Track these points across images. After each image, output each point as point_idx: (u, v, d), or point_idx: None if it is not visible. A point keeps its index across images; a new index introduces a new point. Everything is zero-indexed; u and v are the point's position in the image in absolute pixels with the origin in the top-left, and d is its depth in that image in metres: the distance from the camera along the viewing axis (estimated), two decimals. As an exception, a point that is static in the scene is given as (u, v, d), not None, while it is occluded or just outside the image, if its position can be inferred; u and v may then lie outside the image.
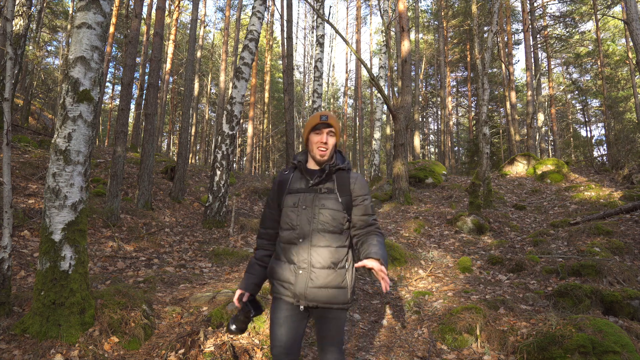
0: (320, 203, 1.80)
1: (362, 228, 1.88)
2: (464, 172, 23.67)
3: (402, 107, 9.31)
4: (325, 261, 1.76)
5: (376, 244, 1.78)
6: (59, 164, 2.76)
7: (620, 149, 13.71)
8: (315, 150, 1.85)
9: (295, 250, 1.79)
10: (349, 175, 1.89)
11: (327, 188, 1.84)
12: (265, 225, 1.96)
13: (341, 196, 1.84)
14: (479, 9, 19.59)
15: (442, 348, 3.27)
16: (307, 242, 1.77)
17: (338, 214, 1.81)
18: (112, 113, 29.73)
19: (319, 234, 1.78)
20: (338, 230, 1.81)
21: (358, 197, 1.87)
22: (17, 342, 2.54)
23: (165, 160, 12.97)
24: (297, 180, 1.89)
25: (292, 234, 1.80)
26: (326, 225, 1.78)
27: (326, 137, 1.84)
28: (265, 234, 1.96)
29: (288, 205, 1.84)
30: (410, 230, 7.08)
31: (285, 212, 1.85)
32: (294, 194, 1.85)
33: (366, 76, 30.56)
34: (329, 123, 1.85)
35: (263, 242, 1.96)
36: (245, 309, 1.87)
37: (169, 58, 20.22)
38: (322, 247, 1.77)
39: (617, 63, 22.72)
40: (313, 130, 1.87)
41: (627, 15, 7.35)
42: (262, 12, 7.60)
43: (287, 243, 1.82)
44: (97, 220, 6.06)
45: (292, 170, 1.94)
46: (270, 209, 1.94)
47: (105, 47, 3.11)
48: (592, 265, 4.38)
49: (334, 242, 1.80)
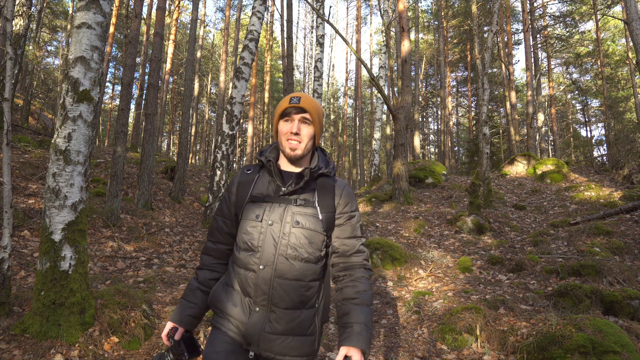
0: (293, 219, 1.35)
1: (347, 256, 1.44)
2: (464, 172, 23.68)
3: (402, 107, 9.31)
4: (292, 300, 1.32)
5: (361, 311, 1.36)
6: (59, 164, 2.76)
7: (620, 149, 13.72)
8: (284, 144, 1.41)
9: (252, 279, 1.33)
10: (334, 183, 1.45)
11: (305, 199, 1.39)
12: (214, 238, 1.49)
13: (322, 212, 1.39)
14: (479, 9, 19.59)
15: (442, 348, 3.27)
16: (270, 271, 1.31)
17: (316, 236, 1.37)
18: (112, 113, 29.73)
19: (288, 262, 1.32)
20: (314, 258, 1.36)
21: (344, 213, 1.43)
22: (17, 342, 2.54)
23: (165, 160, 12.97)
24: (264, 184, 1.43)
25: (250, 258, 1.34)
26: (299, 251, 1.33)
27: (298, 126, 1.38)
28: (214, 250, 1.49)
29: (248, 217, 1.38)
30: (410, 230, 7.08)
31: (243, 225, 1.39)
32: (258, 203, 1.39)
33: (366, 76, 30.56)
34: (301, 107, 1.39)
35: (210, 261, 1.49)
36: (177, 349, 1.42)
37: (169, 58, 20.22)
38: (290, 280, 1.32)
39: (617, 63, 22.71)
40: (282, 117, 1.42)
41: (627, 15, 7.35)
42: (262, 12, 7.60)
43: (243, 268, 1.36)
44: (97, 220, 6.06)
45: (257, 170, 1.48)
46: (224, 218, 1.47)
47: (105, 47, 3.11)
48: (592, 265, 4.38)
49: (306, 274, 1.34)
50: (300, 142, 1.40)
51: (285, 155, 1.43)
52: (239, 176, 1.49)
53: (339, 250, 1.43)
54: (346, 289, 1.41)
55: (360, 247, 1.45)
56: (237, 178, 1.49)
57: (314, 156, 1.50)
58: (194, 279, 1.51)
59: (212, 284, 1.49)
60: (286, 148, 1.40)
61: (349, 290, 1.40)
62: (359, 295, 1.39)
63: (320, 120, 1.45)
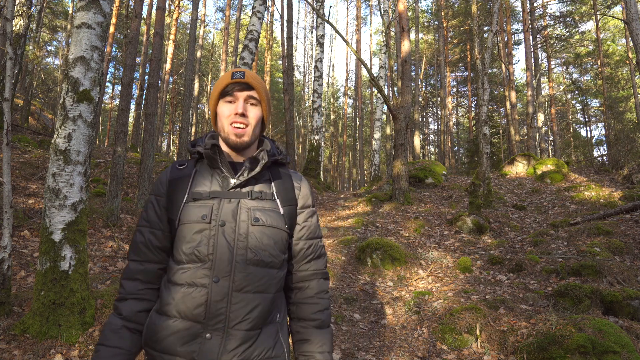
0: (250, 216, 1.10)
1: (307, 262, 1.22)
2: (464, 172, 23.68)
3: (402, 107, 9.31)
4: (255, 317, 1.06)
5: (323, 337, 1.18)
6: (59, 164, 2.76)
7: (620, 149, 13.72)
8: (227, 128, 1.14)
9: (202, 297, 1.04)
10: (291, 174, 1.25)
11: (261, 191, 1.15)
12: (140, 255, 1.14)
13: (283, 205, 1.17)
14: (479, 9, 19.59)
15: (442, 348, 3.27)
16: (227, 283, 1.04)
17: (279, 234, 1.13)
18: (112, 113, 29.74)
19: (249, 269, 1.06)
20: (278, 262, 1.13)
21: (306, 208, 1.22)
22: (17, 342, 2.54)
23: (165, 160, 12.97)
24: (205, 178, 1.15)
25: (198, 270, 1.05)
26: (261, 254, 1.08)
27: (244, 106, 1.14)
28: (140, 272, 1.13)
29: (191, 219, 1.09)
30: (410, 230, 7.08)
31: (185, 232, 1.09)
32: (202, 201, 1.11)
33: (366, 76, 30.57)
34: (247, 82, 1.15)
35: (136, 287, 1.13)
36: None
37: (169, 58, 20.23)
38: (252, 293, 1.06)
39: (617, 63, 22.73)
40: (222, 96, 1.17)
41: (627, 15, 7.35)
42: (262, 12, 7.60)
43: (186, 285, 1.06)
44: (97, 220, 6.06)
45: (193, 164, 1.20)
46: (152, 228, 1.15)
47: (105, 47, 3.11)
48: (592, 265, 4.38)
49: (271, 284, 1.10)
50: (247, 126, 1.15)
51: (229, 144, 1.16)
52: (168, 173, 1.18)
53: (300, 254, 1.21)
54: (304, 307, 1.20)
55: (321, 250, 1.25)
56: (166, 176, 1.18)
57: (262, 143, 1.24)
58: (115, 315, 1.11)
59: (143, 318, 1.12)
60: (230, 134, 1.14)
61: (307, 308, 1.20)
62: (321, 315, 1.19)
63: (269, 100, 1.22)
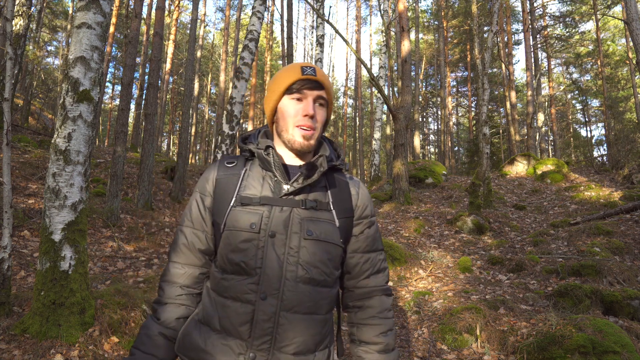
0: (303, 228, 0.99)
1: (365, 277, 1.11)
2: (464, 172, 23.68)
3: (402, 107, 9.31)
4: (303, 340, 0.97)
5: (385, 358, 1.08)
6: (59, 164, 2.76)
7: (620, 149, 13.73)
8: (291, 130, 1.03)
9: (247, 315, 0.95)
10: (348, 180, 1.12)
11: (316, 200, 1.03)
12: (181, 258, 1.07)
13: (339, 217, 1.05)
14: (479, 9, 19.59)
15: (442, 348, 3.27)
16: (275, 302, 0.95)
17: (334, 249, 1.02)
18: (112, 113, 29.74)
19: (299, 288, 0.96)
20: (331, 281, 1.02)
21: (363, 219, 1.10)
22: (17, 342, 2.54)
23: (165, 160, 12.97)
24: (256, 180, 1.04)
25: (244, 284, 0.96)
26: (313, 272, 0.98)
27: (313, 107, 1.02)
28: (181, 276, 1.06)
29: (238, 226, 0.98)
30: (410, 230, 7.08)
31: (231, 239, 0.99)
32: (251, 207, 1.00)
33: (366, 76, 30.57)
34: (319, 81, 1.03)
35: (175, 292, 1.05)
36: None
37: (169, 58, 20.23)
38: (302, 314, 0.97)
39: (617, 63, 22.74)
40: (289, 92, 1.04)
41: (627, 15, 7.35)
42: (262, 12, 7.60)
43: (231, 299, 0.98)
44: (97, 220, 6.06)
45: (242, 163, 1.08)
46: (195, 229, 1.06)
47: (105, 47, 3.11)
48: (592, 265, 4.38)
49: (322, 304, 1.00)
50: (314, 129, 1.03)
51: (293, 147, 1.04)
52: (215, 170, 1.07)
53: (356, 269, 1.09)
54: (366, 329, 1.09)
55: (381, 265, 1.12)
56: (213, 172, 1.07)
57: (321, 146, 1.12)
58: (153, 319, 1.04)
59: (180, 326, 1.04)
60: (295, 136, 1.02)
61: (369, 330, 1.08)
62: (385, 338, 1.08)
63: (333, 101, 1.10)
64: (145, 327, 1.03)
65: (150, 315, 1.06)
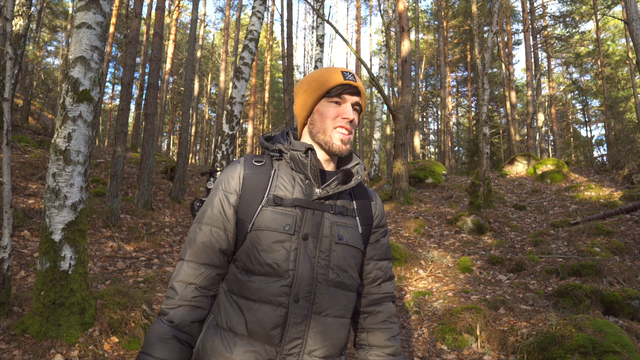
0: (334, 232, 1.00)
1: (378, 284, 1.13)
2: (464, 172, 23.69)
3: (402, 107, 9.31)
4: (331, 344, 0.97)
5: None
6: (59, 164, 2.76)
7: (620, 149, 13.73)
8: (330, 132, 1.03)
9: (279, 318, 0.93)
10: (366, 189, 1.16)
11: (344, 206, 1.05)
12: (199, 257, 1.00)
13: (362, 224, 1.07)
14: (479, 9, 19.60)
15: (442, 348, 3.27)
16: (307, 305, 0.94)
17: (358, 254, 1.05)
18: (112, 113, 29.74)
19: (330, 291, 0.97)
20: (355, 285, 1.05)
21: (380, 227, 1.13)
22: (17, 342, 2.54)
23: (165, 160, 12.97)
24: (287, 182, 1.02)
25: (275, 286, 0.94)
26: (342, 276, 0.99)
27: (352, 112, 1.03)
28: (197, 276, 0.99)
29: (270, 227, 0.96)
30: (410, 230, 7.08)
31: (261, 239, 0.96)
32: (283, 207, 0.98)
33: (366, 76, 30.56)
34: (357, 88, 1.04)
35: (191, 293, 0.98)
36: None
37: (169, 58, 20.23)
38: (333, 317, 0.98)
39: (617, 63, 22.74)
40: (328, 95, 1.03)
41: (627, 15, 7.35)
42: (262, 12, 7.60)
43: (259, 301, 0.94)
44: (97, 220, 6.06)
45: (270, 162, 1.07)
46: (216, 228, 1.01)
47: (105, 47, 3.11)
48: (592, 265, 4.38)
49: (349, 308, 1.03)
50: (351, 134, 1.04)
51: (330, 148, 1.03)
52: (242, 167, 1.04)
53: (370, 275, 1.12)
54: (377, 334, 1.11)
55: (391, 273, 1.16)
56: (240, 170, 1.04)
57: (351, 154, 1.14)
58: (164, 322, 0.96)
59: (195, 329, 0.99)
60: (334, 139, 1.02)
61: (380, 335, 1.11)
62: (394, 342, 1.11)
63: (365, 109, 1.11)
64: (156, 331, 0.96)
65: (160, 318, 0.98)
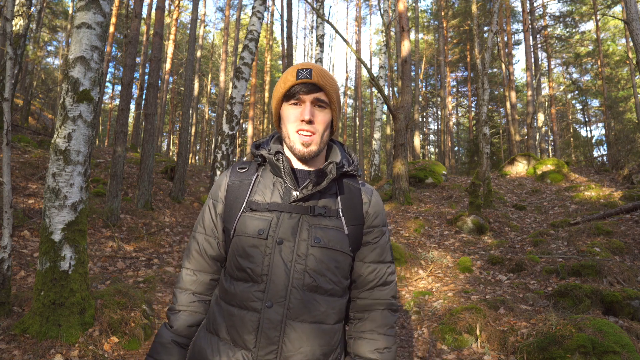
0: (311, 235, 0.97)
1: (369, 289, 1.07)
2: (464, 172, 23.69)
3: (402, 107, 9.31)
4: (310, 351, 0.94)
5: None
6: (59, 164, 2.76)
7: (620, 149, 13.73)
8: (292, 136, 1.01)
9: (253, 323, 0.93)
10: (360, 186, 1.09)
11: (325, 207, 1.01)
12: (194, 264, 1.07)
13: (348, 224, 1.02)
14: (479, 9, 19.60)
15: (442, 348, 3.27)
16: (281, 310, 0.93)
17: (342, 258, 1.00)
18: (112, 113, 29.74)
19: (306, 296, 0.95)
20: (340, 290, 1.00)
21: (374, 227, 1.07)
22: (17, 342, 2.54)
23: (165, 160, 12.97)
24: (266, 187, 1.03)
25: (250, 292, 0.95)
26: (320, 280, 0.96)
27: (311, 111, 0.99)
28: (194, 283, 1.06)
29: (246, 232, 0.98)
30: (410, 230, 7.08)
31: (239, 245, 0.98)
32: (259, 212, 0.99)
33: (366, 76, 30.59)
34: (314, 83, 0.99)
35: (188, 299, 1.06)
36: None
37: (169, 58, 20.23)
38: (309, 323, 0.95)
39: (617, 63, 22.74)
40: (286, 99, 1.02)
41: (627, 15, 7.35)
42: (262, 12, 7.60)
43: (237, 306, 0.96)
44: (97, 220, 6.06)
45: (254, 168, 1.08)
46: (207, 235, 1.07)
47: (105, 47, 3.11)
48: (592, 265, 4.38)
49: (330, 314, 0.98)
50: (314, 134, 0.99)
51: (295, 153, 1.02)
52: (227, 176, 1.07)
53: (360, 279, 1.06)
54: (361, 343, 1.05)
55: (388, 278, 1.08)
56: (225, 179, 1.07)
57: (331, 150, 1.11)
58: (166, 327, 1.05)
59: (192, 334, 1.05)
60: (295, 143, 1.00)
61: (365, 345, 1.04)
62: (380, 356, 1.03)
63: (338, 99, 1.05)
64: (159, 335, 1.05)
65: (164, 322, 1.08)
